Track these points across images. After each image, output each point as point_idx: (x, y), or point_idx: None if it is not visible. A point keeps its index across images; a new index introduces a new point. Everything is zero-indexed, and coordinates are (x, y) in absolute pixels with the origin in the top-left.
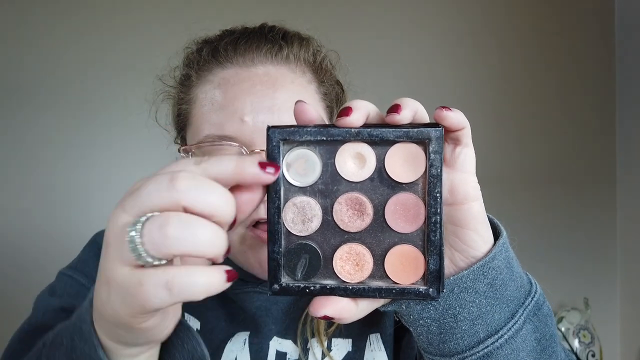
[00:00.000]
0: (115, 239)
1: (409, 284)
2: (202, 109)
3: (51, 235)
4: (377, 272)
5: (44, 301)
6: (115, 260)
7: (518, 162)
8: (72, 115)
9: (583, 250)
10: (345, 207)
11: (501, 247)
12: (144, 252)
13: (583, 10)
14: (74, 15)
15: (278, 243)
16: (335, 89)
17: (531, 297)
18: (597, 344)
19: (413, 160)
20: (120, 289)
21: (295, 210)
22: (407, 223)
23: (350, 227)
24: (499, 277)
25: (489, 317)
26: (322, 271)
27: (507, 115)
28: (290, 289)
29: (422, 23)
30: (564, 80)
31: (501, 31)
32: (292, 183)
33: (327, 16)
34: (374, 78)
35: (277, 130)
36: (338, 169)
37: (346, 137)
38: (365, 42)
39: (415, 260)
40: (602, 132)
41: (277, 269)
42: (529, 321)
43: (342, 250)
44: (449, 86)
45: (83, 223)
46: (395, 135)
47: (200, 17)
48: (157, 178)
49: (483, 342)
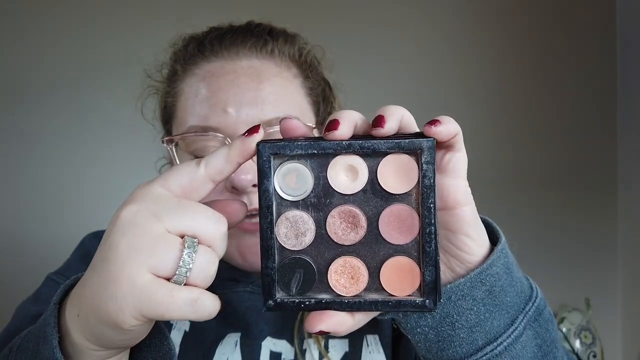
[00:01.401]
0: (148, 245)
1: (405, 296)
2: (187, 102)
3: (40, 237)
4: (372, 285)
5: (24, 308)
6: (142, 265)
7: (518, 162)
8: (62, 115)
9: (584, 250)
10: (339, 220)
11: (499, 252)
12: (188, 274)
13: (583, 11)
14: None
15: (272, 258)
16: (322, 85)
17: (532, 302)
18: (599, 344)
19: (405, 171)
20: (139, 293)
21: (288, 225)
22: (401, 234)
23: (344, 240)
24: (498, 283)
25: (487, 324)
26: (317, 285)
27: (507, 116)
28: (285, 305)
29: (417, 21)
30: (564, 80)
31: (498, 31)
32: (284, 197)
33: (315, 13)
34: (363, 76)
35: (268, 145)
36: (330, 182)
37: (337, 149)
38: (355, 40)
39: (411, 272)
40: (603, 132)
41: (271, 285)
42: (530, 327)
43: (336, 264)
44: (444, 87)
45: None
46: (387, 146)
47: (189, 16)
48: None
49: (482, 349)
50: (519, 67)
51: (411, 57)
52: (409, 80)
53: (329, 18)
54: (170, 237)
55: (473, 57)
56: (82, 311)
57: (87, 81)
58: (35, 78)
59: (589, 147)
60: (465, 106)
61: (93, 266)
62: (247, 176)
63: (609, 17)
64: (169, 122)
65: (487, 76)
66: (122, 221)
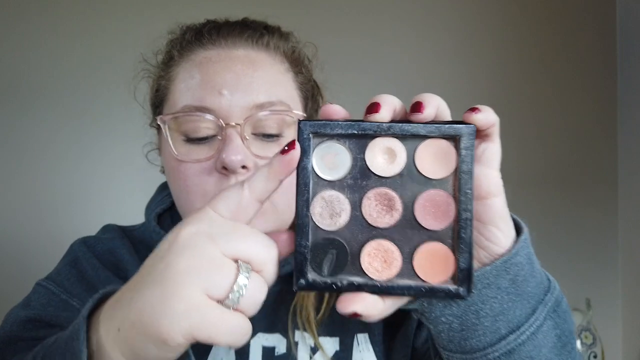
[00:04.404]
0: (205, 266)
1: (438, 283)
2: (181, 84)
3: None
4: (405, 270)
5: (13, 313)
6: (199, 286)
7: (518, 163)
8: (57, 116)
9: (584, 251)
10: (374, 202)
11: (523, 242)
12: (240, 300)
13: (584, 11)
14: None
15: (305, 237)
16: (311, 82)
17: (550, 293)
18: (599, 345)
19: (444, 157)
20: (195, 314)
21: (323, 204)
22: (436, 220)
23: (379, 223)
24: (521, 273)
25: (510, 313)
26: (349, 267)
27: (507, 116)
28: (317, 285)
29: (416, 20)
30: (564, 80)
31: (498, 30)
32: (321, 177)
33: (309, 15)
34: (353, 76)
35: (309, 123)
36: (368, 164)
37: (377, 131)
38: (348, 41)
39: (445, 259)
40: (603, 132)
41: (303, 263)
42: (549, 317)
43: (370, 246)
44: (444, 86)
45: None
46: (427, 130)
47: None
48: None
49: (505, 338)
50: (519, 67)
51: (410, 57)
52: (407, 80)
53: (323, 17)
54: (226, 260)
55: (473, 57)
56: (126, 325)
57: (83, 81)
58: (31, 77)
59: (589, 148)
60: (465, 105)
61: (143, 282)
62: (237, 157)
63: (610, 16)
64: (160, 105)
65: (487, 75)
66: (180, 242)
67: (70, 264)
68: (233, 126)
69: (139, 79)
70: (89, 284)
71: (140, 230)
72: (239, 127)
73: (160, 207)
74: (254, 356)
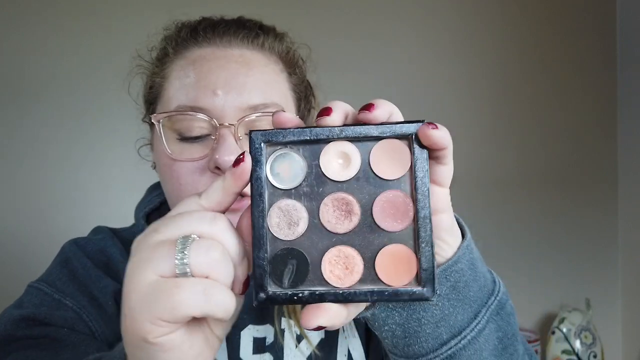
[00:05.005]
0: (147, 254)
1: (402, 286)
2: (175, 82)
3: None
4: (367, 275)
5: (7, 313)
6: (145, 270)
7: (518, 163)
8: (54, 116)
9: (584, 250)
10: (332, 207)
11: (465, 249)
12: (188, 265)
13: (584, 11)
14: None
15: (263, 248)
16: (305, 83)
17: (494, 296)
18: (599, 344)
19: (398, 156)
20: (146, 294)
21: (280, 214)
22: (396, 221)
23: (338, 229)
24: (462, 279)
25: (451, 318)
26: (310, 277)
27: (507, 116)
28: (278, 298)
29: (414, 19)
30: (565, 80)
31: (498, 31)
32: (276, 186)
33: (307, 14)
34: (348, 79)
35: (260, 132)
36: (323, 170)
37: (330, 135)
38: (347, 40)
39: (407, 260)
40: (603, 132)
41: (263, 277)
42: (492, 320)
43: (330, 254)
44: (444, 87)
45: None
46: (380, 131)
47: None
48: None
49: (446, 343)
50: (519, 67)
51: (409, 57)
52: (407, 80)
53: (321, 16)
54: (167, 241)
55: (472, 57)
56: (126, 346)
57: (83, 81)
58: (30, 77)
59: (589, 148)
60: (466, 106)
61: None
62: (231, 157)
63: (610, 16)
64: (154, 102)
65: (487, 75)
66: (132, 248)
67: (61, 264)
68: (227, 126)
69: (133, 74)
70: (81, 283)
71: (131, 230)
72: (233, 127)
73: (149, 206)
74: (245, 348)
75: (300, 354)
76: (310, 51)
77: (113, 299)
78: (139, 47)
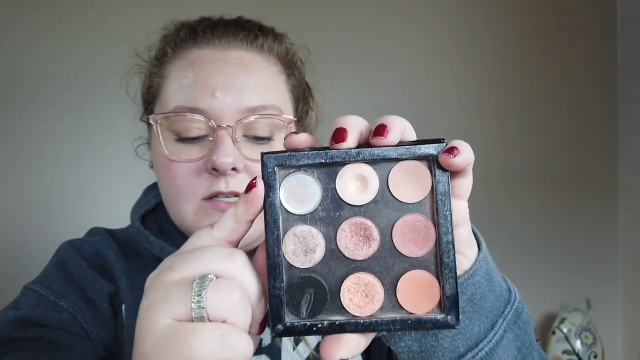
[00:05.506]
0: (163, 294)
1: (424, 313)
2: (174, 82)
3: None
4: (388, 303)
5: (2, 314)
6: (160, 312)
7: (519, 163)
8: (52, 114)
9: (585, 251)
10: (350, 233)
11: (481, 261)
12: (205, 310)
13: (585, 11)
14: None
15: (279, 278)
16: (303, 84)
17: (510, 305)
18: (599, 345)
19: (418, 179)
20: (161, 338)
21: (295, 241)
22: (417, 246)
23: (357, 255)
24: (478, 291)
25: (468, 330)
26: (329, 306)
27: (507, 116)
28: (296, 329)
29: (413, 19)
30: (566, 80)
31: (498, 31)
32: (290, 212)
33: (303, 16)
34: (348, 79)
35: (273, 156)
36: (339, 193)
37: (346, 158)
38: (343, 42)
39: (429, 286)
40: (604, 133)
41: (279, 307)
42: (510, 330)
43: (349, 281)
44: (444, 88)
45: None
46: (398, 153)
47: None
48: (215, 249)
49: (464, 356)
50: (519, 67)
51: (410, 57)
52: (408, 80)
53: (317, 16)
54: (182, 281)
55: (473, 58)
56: None
57: (78, 76)
58: (25, 72)
59: (589, 148)
60: (466, 106)
61: None
62: (228, 159)
63: (610, 16)
64: (152, 101)
65: (487, 75)
66: (146, 284)
67: (56, 266)
68: (224, 128)
69: (132, 74)
70: (76, 285)
71: (127, 232)
72: (231, 129)
73: (145, 208)
74: None
75: (298, 356)
76: (310, 53)
77: (108, 300)
78: (137, 46)
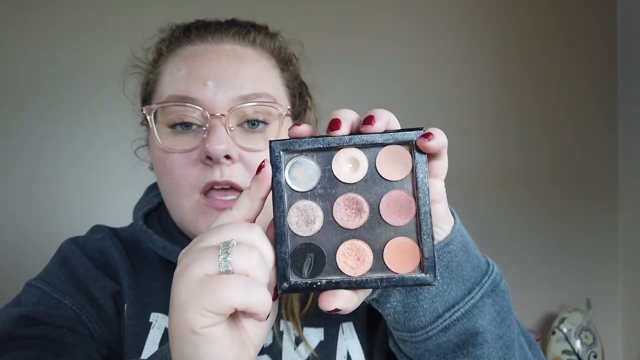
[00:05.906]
0: (195, 257)
1: (407, 273)
2: (168, 77)
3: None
4: (377, 265)
5: (5, 311)
6: (194, 269)
7: (519, 163)
8: (50, 116)
9: (585, 251)
10: (344, 207)
11: (456, 232)
12: (230, 264)
13: (585, 11)
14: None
15: (285, 244)
16: (298, 80)
17: (488, 276)
18: (599, 345)
19: (401, 161)
20: (197, 289)
21: (298, 214)
22: (400, 217)
23: (350, 225)
24: (455, 259)
25: (446, 294)
26: (327, 268)
27: (507, 116)
28: (299, 286)
29: (413, 19)
30: (566, 80)
31: (498, 31)
32: (294, 189)
33: (303, 16)
34: (347, 79)
35: (279, 142)
36: (335, 173)
37: (340, 143)
38: (343, 42)
39: (411, 250)
40: (604, 133)
41: (285, 269)
42: (487, 296)
43: (344, 247)
44: (444, 87)
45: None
46: (384, 139)
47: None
48: (236, 223)
49: (442, 316)
50: (519, 66)
51: (410, 56)
52: (407, 79)
53: (316, 16)
54: (211, 246)
55: (472, 58)
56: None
57: (78, 76)
58: (25, 72)
59: (589, 147)
60: (465, 105)
61: None
62: (221, 146)
63: (610, 16)
64: (148, 98)
65: (487, 75)
66: (178, 259)
67: (59, 263)
68: (217, 117)
69: (128, 74)
70: (80, 283)
71: (129, 230)
72: (224, 117)
73: (147, 207)
74: None
75: (298, 357)
76: (303, 48)
77: (112, 299)
78: (137, 47)
